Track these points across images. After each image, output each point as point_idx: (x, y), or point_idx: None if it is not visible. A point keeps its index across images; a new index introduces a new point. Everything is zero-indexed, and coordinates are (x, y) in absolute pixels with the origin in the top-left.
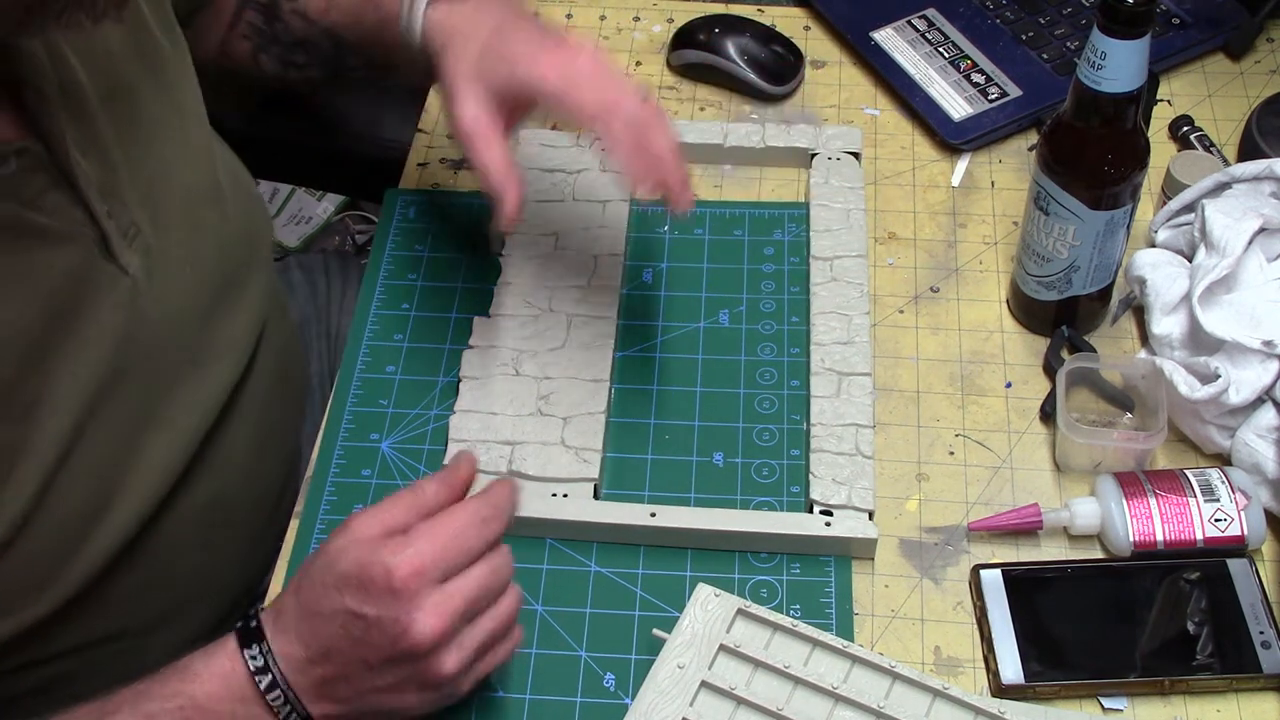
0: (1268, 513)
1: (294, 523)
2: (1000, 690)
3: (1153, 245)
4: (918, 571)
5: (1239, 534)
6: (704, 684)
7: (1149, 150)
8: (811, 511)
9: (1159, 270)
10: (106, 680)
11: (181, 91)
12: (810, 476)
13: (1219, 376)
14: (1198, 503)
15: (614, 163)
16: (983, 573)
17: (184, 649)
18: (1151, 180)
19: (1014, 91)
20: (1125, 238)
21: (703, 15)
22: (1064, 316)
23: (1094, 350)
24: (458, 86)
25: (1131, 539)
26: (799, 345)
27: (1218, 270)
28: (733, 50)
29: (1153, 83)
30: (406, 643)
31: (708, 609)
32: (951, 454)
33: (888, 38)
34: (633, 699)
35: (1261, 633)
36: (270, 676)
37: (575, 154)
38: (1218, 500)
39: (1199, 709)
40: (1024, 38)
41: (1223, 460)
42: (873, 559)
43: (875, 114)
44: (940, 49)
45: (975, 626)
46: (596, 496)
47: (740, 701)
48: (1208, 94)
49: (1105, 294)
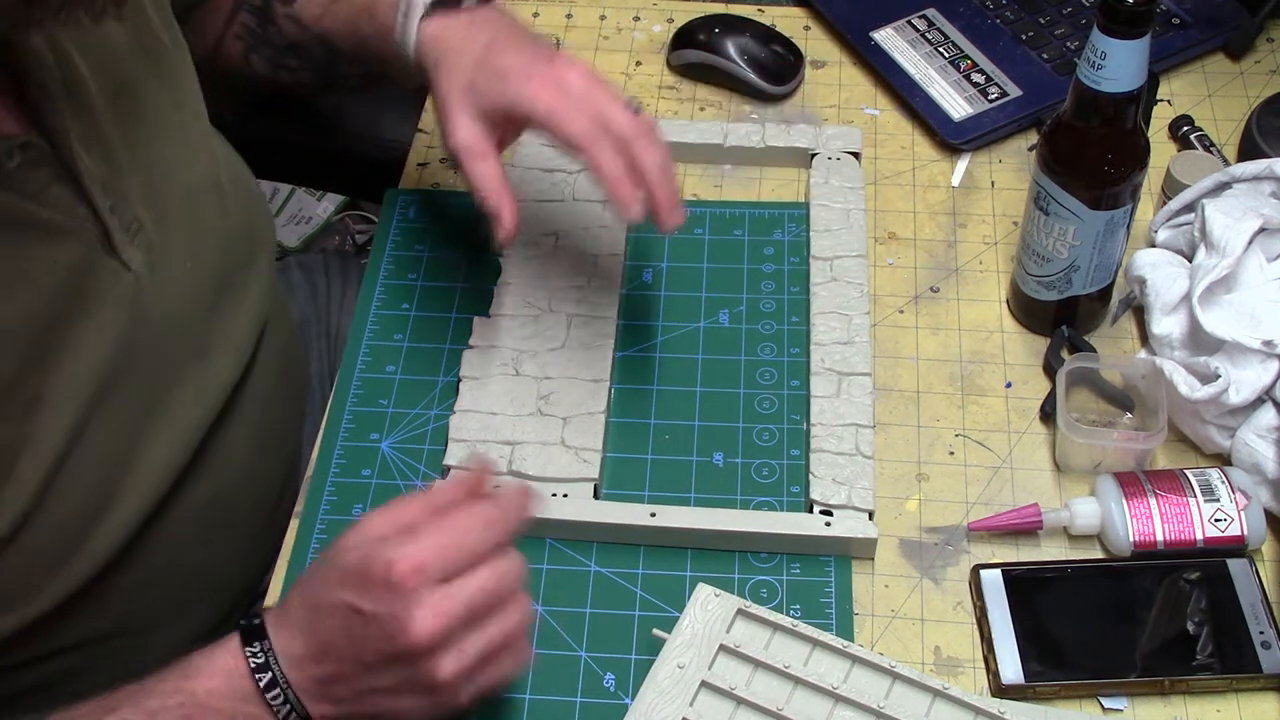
0: (1268, 513)
1: (294, 522)
2: (1000, 690)
3: (1153, 245)
4: (918, 571)
5: (1239, 534)
6: (704, 684)
7: (1149, 150)
8: (811, 511)
9: (1159, 270)
10: (108, 677)
11: (183, 88)
12: (810, 476)
13: (1219, 376)
14: (1198, 503)
15: (601, 191)
16: (983, 573)
17: (184, 647)
18: (1151, 180)
19: (1014, 91)
20: (1125, 238)
21: (703, 15)
22: (1064, 316)
23: (1094, 350)
24: (451, 103)
25: (1131, 539)
26: (799, 345)
27: (1218, 270)
28: (733, 50)
29: (1153, 83)
30: (403, 641)
31: (708, 609)
32: (951, 454)
33: (888, 38)
34: (633, 699)
35: (1261, 633)
36: (270, 674)
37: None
38: (1218, 500)
39: (1199, 709)
40: (1024, 38)
41: (1223, 460)
42: (873, 559)
43: (875, 114)
44: (940, 49)
45: (975, 626)
46: (596, 496)
47: (740, 701)
48: (1208, 94)
49: (1105, 294)
